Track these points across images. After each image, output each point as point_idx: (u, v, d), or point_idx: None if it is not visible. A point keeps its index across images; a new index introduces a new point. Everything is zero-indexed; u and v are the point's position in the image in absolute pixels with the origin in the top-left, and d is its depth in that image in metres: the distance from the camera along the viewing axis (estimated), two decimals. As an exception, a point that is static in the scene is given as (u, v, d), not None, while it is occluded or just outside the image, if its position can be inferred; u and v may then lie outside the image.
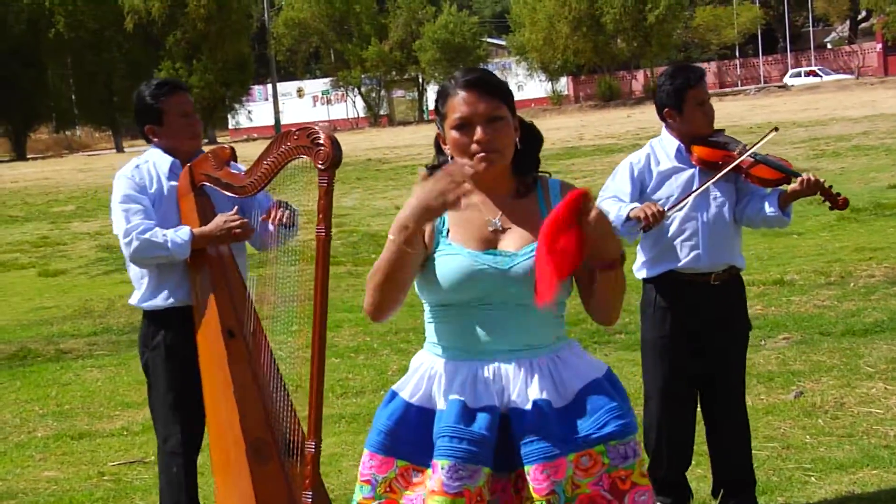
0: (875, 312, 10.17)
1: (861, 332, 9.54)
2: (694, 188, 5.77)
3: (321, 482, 5.34)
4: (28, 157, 73.82)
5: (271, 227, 5.42)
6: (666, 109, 5.85)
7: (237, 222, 5.43)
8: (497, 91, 3.61)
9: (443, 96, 3.64)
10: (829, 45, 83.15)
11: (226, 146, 5.50)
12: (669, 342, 5.81)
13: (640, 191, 5.87)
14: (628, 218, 5.61)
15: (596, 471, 3.51)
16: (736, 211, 5.84)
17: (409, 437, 3.60)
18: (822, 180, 5.75)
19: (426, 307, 3.71)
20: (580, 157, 32.03)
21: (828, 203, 5.89)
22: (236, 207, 5.52)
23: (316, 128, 4.89)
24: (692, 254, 5.78)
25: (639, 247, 5.92)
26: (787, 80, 73.19)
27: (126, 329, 12.76)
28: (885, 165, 23.11)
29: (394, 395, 3.69)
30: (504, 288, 3.55)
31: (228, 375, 5.29)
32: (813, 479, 6.30)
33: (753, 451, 6.48)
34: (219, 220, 5.45)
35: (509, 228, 3.63)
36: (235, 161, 5.47)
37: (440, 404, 3.59)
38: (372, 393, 8.89)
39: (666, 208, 5.72)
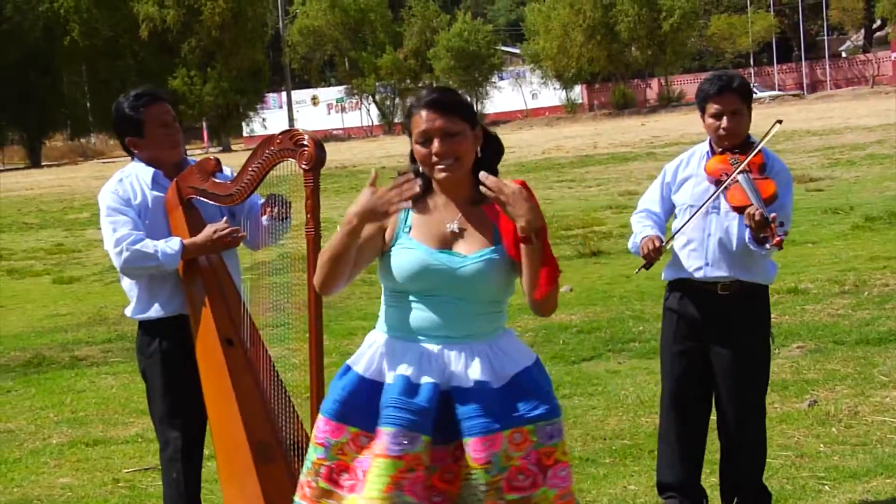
0: (889, 321, 10.16)
1: (875, 340, 9.53)
2: (702, 201, 5.78)
3: None
4: (43, 164, 73.92)
5: (265, 221, 5.47)
6: (700, 114, 5.89)
7: (226, 231, 5.45)
8: (453, 108, 4.03)
9: (408, 115, 4.09)
10: (843, 54, 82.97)
11: (210, 157, 5.52)
12: (675, 346, 5.84)
13: (669, 194, 5.93)
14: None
15: (525, 447, 3.97)
16: None
17: (361, 407, 4.02)
18: (766, 217, 5.47)
19: (383, 291, 4.17)
20: (594, 164, 32.03)
21: (769, 240, 5.60)
22: (225, 217, 5.53)
23: (298, 130, 4.97)
24: (696, 265, 5.81)
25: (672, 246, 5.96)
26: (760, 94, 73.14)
27: (136, 336, 12.77)
28: (899, 174, 23.07)
29: (348, 368, 4.13)
30: (452, 284, 4.00)
31: (229, 384, 5.32)
32: (827, 487, 6.30)
33: (768, 460, 6.48)
34: (208, 231, 5.46)
35: (465, 231, 4.06)
36: (221, 171, 5.49)
37: (388, 378, 4.03)
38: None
39: (675, 229, 5.77)
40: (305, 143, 4.90)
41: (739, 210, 5.67)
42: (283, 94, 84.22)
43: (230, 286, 5.57)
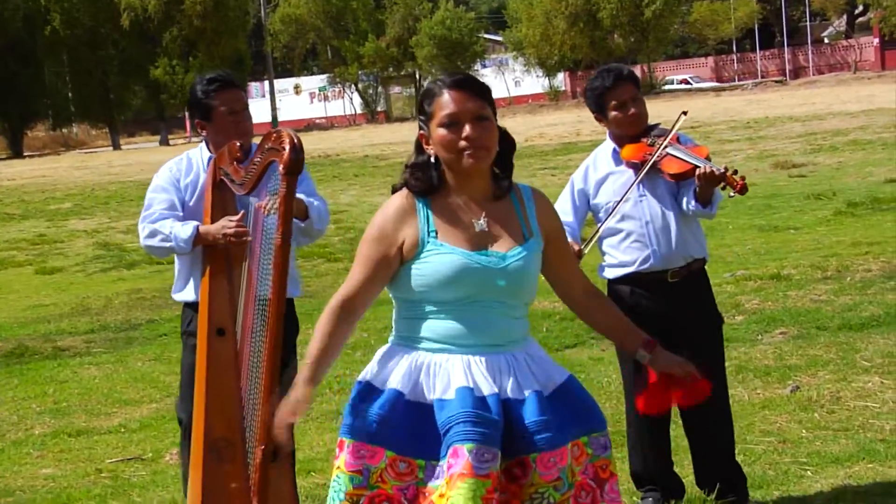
0: (871, 307, 10.18)
1: (857, 326, 9.55)
2: (629, 186, 5.80)
3: (293, 487, 5.35)
4: (25, 154, 73.73)
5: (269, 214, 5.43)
6: (595, 115, 5.92)
7: (232, 229, 5.40)
8: (483, 92, 3.80)
9: (429, 96, 3.81)
10: (826, 40, 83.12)
11: (236, 143, 5.47)
12: None
13: (587, 201, 5.93)
14: None
15: (582, 460, 3.74)
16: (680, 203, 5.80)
17: (397, 426, 3.72)
18: (720, 169, 5.58)
19: (405, 305, 3.87)
20: (577, 152, 32.03)
21: (730, 189, 5.71)
22: (242, 212, 5.49)
23: (286, 131, 4.87)
24: (642, 255, 5.81)
25: (603, 247, 5.96)
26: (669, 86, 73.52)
27: (123, 326, 12.78)
28: (881, 160, 23.13)
29: (371, 385, 3.82)
30: (492, 287, 3.75)
31: (205, 375, 5.30)
32: (809, 472, 6.32)
33: (750, 446, 6.51)
34: (220, 223, 5.43)
35: (494, 229, 3.82)
36: (247, 158, 5.42)
37: (437, 394, 3.72)
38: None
39: (598, 226, 5.86)
40: (285, 145, 4.76)
41: (681, 176, 5.70)
42: (266, 83, 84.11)
43: (239, 272, 5.48)
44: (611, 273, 5.97)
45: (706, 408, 5.86)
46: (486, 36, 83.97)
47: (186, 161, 5.70)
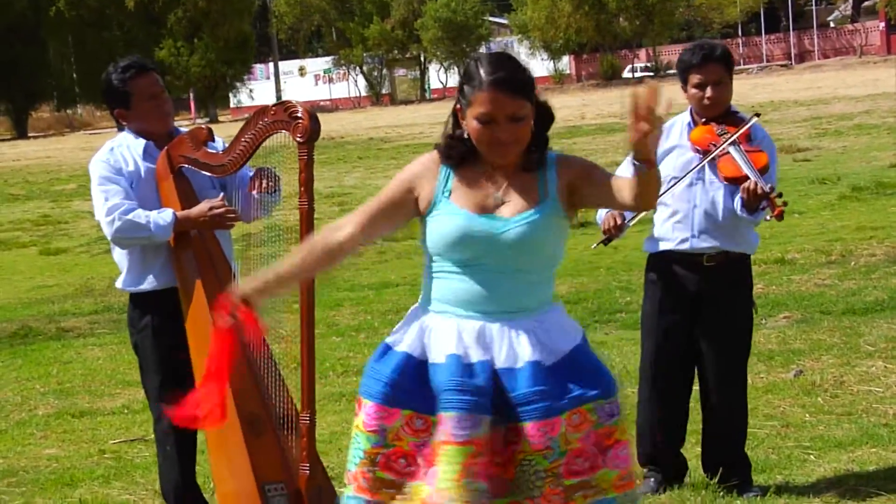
0: (875, 291, 10.18)
1: (861, 310, 9.54)
2: (687, 171, 5.78)
3: (317, 456, 5.38)
4: (29, 135, 73.67)
5: (255, 195, 5.43)
6: (681, 85, 5.87)
7: (222, 210, 5.40)
8: (522, 89, 3.78)
9: (470, 82, 3.79)
10: (831, 24, 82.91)
11: (203, 126, 5.47)
12: (660, 319, 5.83)
13: None
14: None
15: (585, 428, 3.76)
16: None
17: (411, 388, 3.79)
18: (767, 189, 5.56)
19: (429, 262, 3.93)
20: (582, 135, 32.04)
21: (769, 210, 5.66)
22: (222, 195, 5.49)
23: (293, 102, 4.94)
24: (682, 235, 5.80)
25: (653, 218, 5.94)
26: (627, 73, 73.30)
27: (126, 308, 12.75)
28: (886, 144, 23.10)
29: (388, 347, 3.91)
30: (494, 251, 3.79)
31: None
32: (812, 457, 6.32)
33: (753, 430, 6.50)
34: (204, 206, 5.41)
35: (509, 196, 3.84)
36: (213, 141, 5.44)
37: (432, 357, 3.82)
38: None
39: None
40: (300, 115, 4.87)
41: (733, 181, 5.67)
42: (271, 64, 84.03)
43: (220, 257, 5.54)
44: (651, 246, 5.98)
45: (726, 394, 5.90)
46: (491, 19, 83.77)
47: (119, 153, 5.56)
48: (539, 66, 78.00)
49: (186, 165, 5.45)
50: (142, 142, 5.56)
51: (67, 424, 8.31)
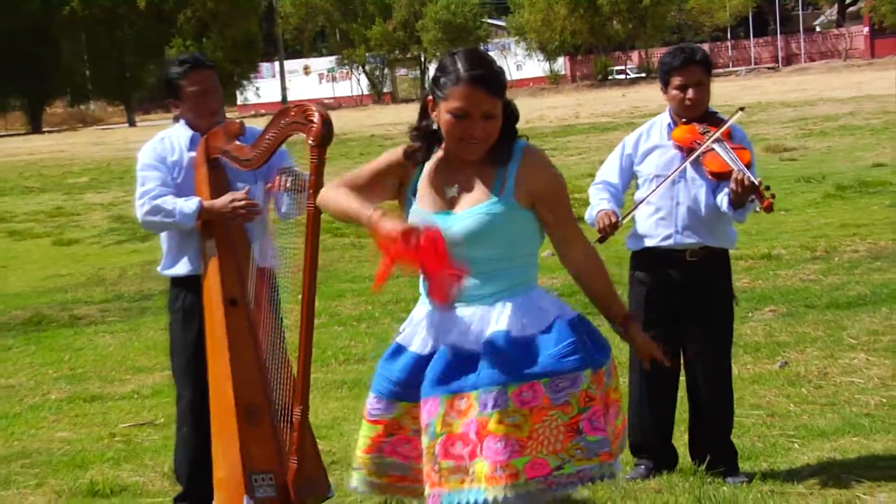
0: (858, 286, 10.17)
1: (844, 304, 9.54)
2: (671, 170, 5.78)
3: (315, 447, 5.36)
4: (44, 130, 73.69)
5: (282, 195, 5.42)
6: (661, 87, 5.87)
7: (242, 203, 5.40)
8: (497, 87, 3.74)
9: (446, 75, 3.75)
10: (817, 29, 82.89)
11: (236, 121, 5.48)
12: (645, 314, 5.80)
13: (632, 166, 5.91)
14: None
15: (470, 413, 3.72)
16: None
17: (417, 385, 3.81)
18: (755, 181, 5.52)
19: None
20: (576, 134, 32.02)
21: (757, 203, 5.64)
22: (247, 188, 5.48)
23: (312, 106, 4.92)
24: (665, 232, 5.81)
25: (634, 216, 5.94)
26: (633, 74, 73.23)
27: (137, 297, 12.78)
28: (869, 145, 23.09)
29: (400, 347, 3.97)
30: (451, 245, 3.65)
31: (226, 343, 5.29)
32: (796, 445, 6.31)
33: (740, 419, 6.50)
34: (227, 198, 5.42)
35: (465, 190, 3.83)
36: (244, 135, 5.43)
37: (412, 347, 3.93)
38: (373, 360, 8.88)
39: (637, 199, 5.84)
40: (315, 119, 4.85)
41: (719, 176, 5.66)
42: (276, 64, 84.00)
43: (244, 248, 5.50)
44: (635, 244, 5.97)
45: (712, 384, 5.90)
46: (490, 21, 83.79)
47: (168, 141, 5.64)
48: (535, 66, 78.10)
49: (220, 156, 5.47)
50: (189, 132, 5.62)
51: (79, 408, 8.30)
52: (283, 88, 79.93)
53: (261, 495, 5.14)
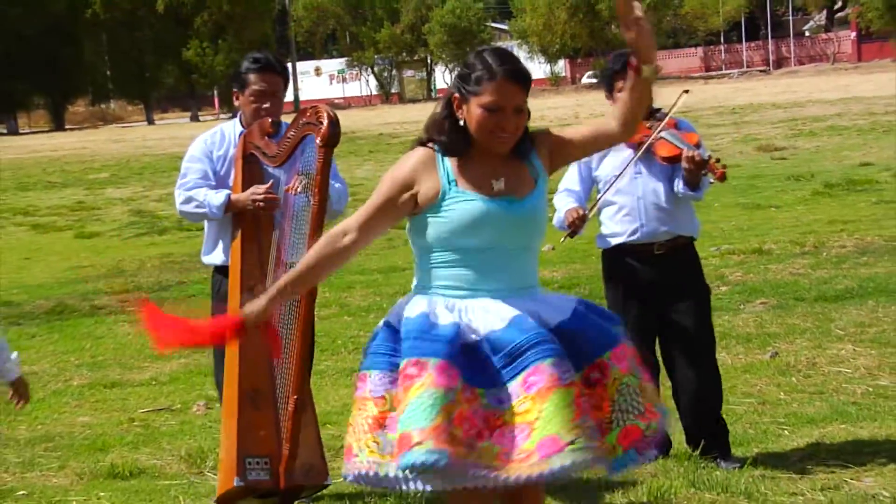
0: (846, 280, 10.17)
1: (832, 297, 9.53)
2: (627, 164, 5.80)
3: (316, 436, 5.33)
4: (66, 127, 73.65)
5: (293, 196, 5.42)
6: (606, 95, 5.91)
7: (261, 196, 5.43)
8: (528, 83, 3.77)
9: (479, 72, 3.72)
10: (807, 33, 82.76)
11: (268, 119, 5.47)
12: (622, 310, 5.77)
13: (590, 173, 5.93)
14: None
15: (475, 404, 3.58)
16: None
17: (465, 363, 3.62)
18: (705, 156, 5.59)
19: (426, 255, 3.83)
20: (576, 133, 31.95)
21: (711, 175, 5.70)
22: (270, 182, 5.49)
23: (324, 108, 4.94)
24: (631, 227, 5.83)
25: (600, 218, 5.96)
26: (585, 79, 72.94)
27: (155, 287, 12.78)
28: (856, 145, 23.08)
29: (390, 326, 3.79)
30: (513, 231, 3.73)
31: None
32: (786, 432, 6.31)
33: (732, 407, 6.51)
34: (249, 192, 5.46)
35: (510, 182, 3.78)
36: (278, 134, 5.39)
37: (478, 331, 3.66)
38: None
39: (598, 196, 5.90)
40: (324, 120, 4.88)
41: (672, 160, 5.72)
42: (289, 65, 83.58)
43: (268, 240, 5.49)
44: (603, 243, 6.00)
45: (697, 370, 5.89)
46: (493, 25, 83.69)
47: (220, 134, 5.71)
48: (536, 68, 77.82)
49: (254, 153, 5.48)
50: (240, 129, 5.65)
51: (100, 394, 8.31)
52: (296, 89, 79.67)
53: (253, 478, 5.11)
